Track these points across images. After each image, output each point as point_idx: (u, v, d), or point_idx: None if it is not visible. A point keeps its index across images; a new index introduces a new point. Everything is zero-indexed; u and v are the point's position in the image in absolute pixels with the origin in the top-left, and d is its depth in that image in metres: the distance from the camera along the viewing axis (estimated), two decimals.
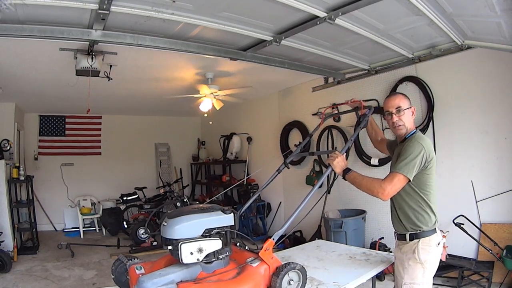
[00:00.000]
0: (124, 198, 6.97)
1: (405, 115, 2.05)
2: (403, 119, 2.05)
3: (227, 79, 5.08)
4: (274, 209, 6.34)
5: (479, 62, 3.60)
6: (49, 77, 4.55)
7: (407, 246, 2.00)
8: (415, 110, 2.12)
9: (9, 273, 4.55)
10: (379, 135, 2.46)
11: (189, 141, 9.14)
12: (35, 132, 7.41)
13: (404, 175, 1.87)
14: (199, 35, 3.28)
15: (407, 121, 2.06)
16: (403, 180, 1.89)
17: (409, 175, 1.87)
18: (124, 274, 1.87)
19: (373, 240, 4.26)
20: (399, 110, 2.05)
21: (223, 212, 1.83)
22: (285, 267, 1.76)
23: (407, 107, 2.07)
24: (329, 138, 5.17)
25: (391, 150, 2.29)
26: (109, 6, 2.46)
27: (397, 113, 2.06)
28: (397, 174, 1.88)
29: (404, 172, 1.87)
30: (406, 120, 2.06)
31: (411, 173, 1.87)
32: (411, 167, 1.87)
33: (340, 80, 4.99)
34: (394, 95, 2.15)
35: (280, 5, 2.60)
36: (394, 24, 3.11)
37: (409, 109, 2.07)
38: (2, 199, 5.15)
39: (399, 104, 2.06)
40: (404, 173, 1.87)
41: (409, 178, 1.88)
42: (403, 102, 2.07)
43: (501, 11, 2.51)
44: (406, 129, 2.06)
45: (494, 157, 3.55)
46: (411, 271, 1.96)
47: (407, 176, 1.87)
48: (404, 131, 2.06)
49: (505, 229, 3.46)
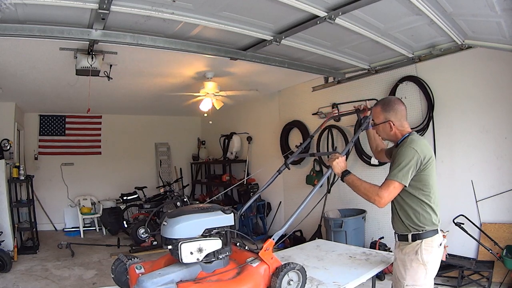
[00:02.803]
0: (124, 197, 6.96)
1: (379, 128, 2.09)
2: (378, 131, 2.11)
3: (227, 79, 5.08)
4: (274, 208, 6.34)
5: (479, 62, 3.59)
6: (49, 77, 4.55)
7: (409, 247, 1.98)
8: (392, 125, 2.04)
9: (9, 272, 4.55)
10: (380, 146, 2.44)
11: (189, 141, 9.14)
12: (35, 131, 7.41)
13: (399, 182, 1.88)
14: (199, 34, 3.28)
15: (383, 133, 2.10)
16: (398, 187, 1.91)
17: (404, 182, 1.89)
18: (124, 274, 1.87)
19: (373, 239, 4.27)
20: (373, 124, 2.11)
21: (223, 212, 1.83)
22: (284, 267, 1.76)
23: (381, 121, 2.07)
24: (329, 137, 5.17)
25: (389, 156, 2.28)
26: (109, 5, 2.46)
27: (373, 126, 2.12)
28: (393, 181, 1.89)
29: (399, 179, 1.88)
30: (381, 133, 2.11)
31: (406, 179, 1.88)
32: (405, 173, 1.88)
33: (340, 80, 4.99)
34: (374, 106, 2.15)
35: (280, 4, 2.60)
36: (394, 24, 3.11)
37: (384, 124, 2.06)
38: (2, 198, 5.15)
39: (373, 117, 2.12)
40: (399, 180, 1.88)
41: (404, 184, 1.89)
42: (376, 117, 2.10)
43: (501, 10, 2.50)
44: (389, 138, 2.10)
45: (494, 156, 3.55)
46: (414, 273, 1.94)
47: (402, 183, 1.89)
48: (387, 140, 2.12)
49: (505, 228, 3.46)
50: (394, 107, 2.07)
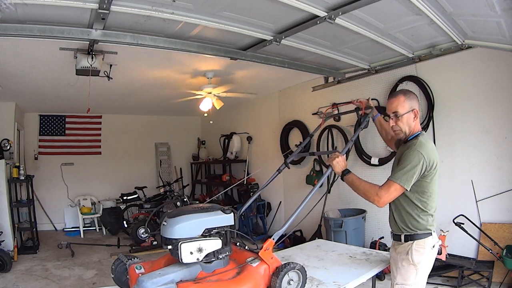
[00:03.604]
0: (124, 197, 6.96)
1: (403, 120, 1.98)
2: (400, 124, 1.99)
3: (228, 79, 5.07)
4: (274, 208, 6.34)
5: (479, 62, 3.59)
6: (49, 77, 4.55)
7: (401, 247, 2.01)
8: (418, 112, 2.01)
9: (10, 272, 4.55)
10: (390, 133, 2.35)
11: (189, 141, 9.14)
12: (35, 131, 7.41)
13: (401, 185, 1.86)
14: (199, 34, 3.28)
15: (406, 125, 1.99)
16: (399, 190, 1.88)
17: (406, 185, 1.86)
18: (124, 274, 1.87)
19: (373, 239, 4.27)
20: (396, 115, 1.99)
21: (223, 212, 1.83)
22: (284, 267, 1.76)
23: (406, 111, 1.97)
24: (329, 137, 5.17)
25: (397, 147, 2.25)
26: (109, 5, 2.46)
27: (394, 117, 2.01)
28: (394, 183, 1.87)
29: (401, 182, 1.85)
30: (404, 124, 1.99)
31: (408, 183, 1.86)
32: (409, 177, 1.85)
33: (340, 80, 4.99)
34: (394, 97, 2.04)
35: (280, 4, 2.59)
36: (394, 24, 3.11)
37: (409, 113, 1.98)
38: (2, 198, 5.15)
39: (397, 108, 1.99)
40: (402, 183, 1.85)
41: (406, 188, 1.87)
42: (401, 106, 1.98)
43: (501, 10, 2.50)
44: (405, 133, 2.01)
45: (494, 156, 3.55)
46: (404, 272, 1.96)
47: (404, 186, 1.86)
48: (402, 135, 2.03)
49: (505, 228, 3.46)
50: (414, 95, 2.03)
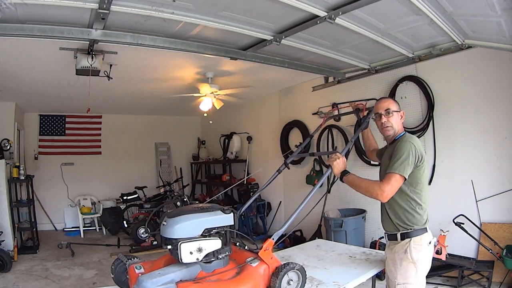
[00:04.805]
0: (124, 197, 6.97)
1: (394, 117, 2.12)
2: (391, 120, 2.12)
3: (228, 79, 5.07)
4: (274, 208, 6.34)
5: (480, 62, 3.59)
6: (49, 77, 4.55)
7: (398, 246, 2.01)
8: (404, 114, 2.19)
9: (10, 272, 4.55)
10: (373, 146, 2.55)
11: (189, 141, 9.14)
12: (35, 131, 7.41)
13: (400, 174, 1.91)
14: (199, 34, 3.28)
15: (395, 123, 2.12)
16: (400, 180, 1.93)
17: (405, 174, 1.92)
18: (124, 274, 1.87)
19: (373, 239, 4.27)
20: (388, 111, 2.12)
21: (223, 212, 1.83)
22: (284, 267, 1.76)
23: (397, 109, 2.15)
24: (329, 137, 5.17)
25: (380, 156, 2.35)
26: (109, 5, 2.46)
27: (386, 115, 2.12)
28: (394, 174, 1.91)
29: (400, 171, 1.91)
30: (394, 122, 2.12)
31: (406, 171, 1.92)
32: (406, 165, 1.91)
33: (340, 80, 4.99)
34: (384, 99, 2.25)
35: (280, 4, 2.60)
36: (394, 24, 3.11)
37: (398, 112, 2.15)
38: (2, 198, 5.15)
39: (389, 106, 2.13)
40: (400, 172, 1.91)
41: (404, 176, 1.92)
42: (392, 105, 2.15)
43: (502, 10, 2.50)
44: (394, 130, 2.12)
45: (494, 156, 3.55)
46: (404, 271, 1.97)
47: (403, 175, 1.91)
48: (391, 132, 2.13)
49: (505, 228, 3.46)
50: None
